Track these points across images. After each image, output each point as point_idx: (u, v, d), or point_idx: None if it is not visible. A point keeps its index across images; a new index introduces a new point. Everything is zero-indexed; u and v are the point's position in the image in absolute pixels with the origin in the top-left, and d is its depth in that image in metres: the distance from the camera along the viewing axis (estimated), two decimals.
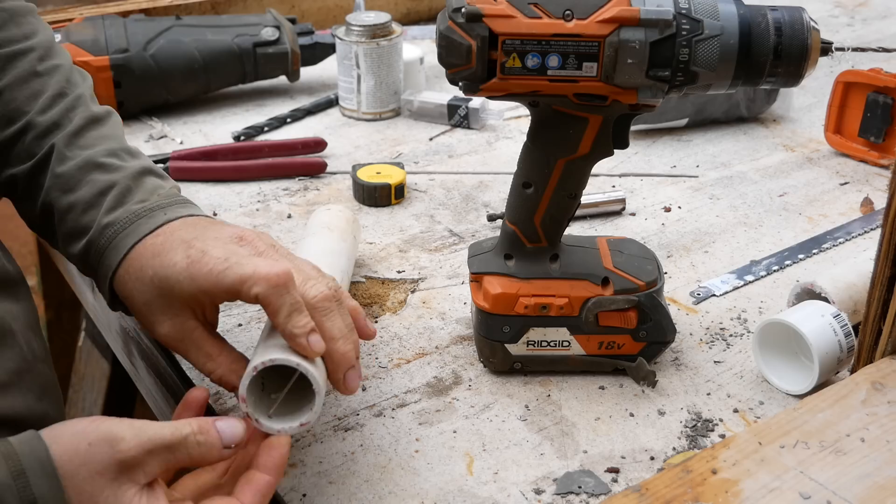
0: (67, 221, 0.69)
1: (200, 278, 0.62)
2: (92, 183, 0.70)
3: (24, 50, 0.74)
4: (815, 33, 0.69)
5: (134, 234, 0.67)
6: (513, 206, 0.76)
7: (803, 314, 0.76)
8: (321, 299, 0.63)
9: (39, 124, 0.72)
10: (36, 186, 0.71)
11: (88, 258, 0.69)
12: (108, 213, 0.69)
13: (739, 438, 0.61)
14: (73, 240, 0.69)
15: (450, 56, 0.69)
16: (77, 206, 0.69)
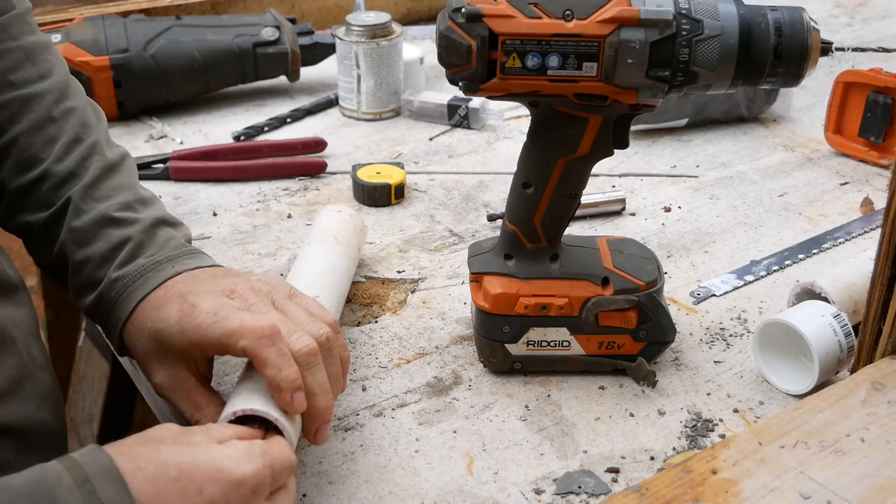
0: (82, 274, 0.71)
1: (190, 332, 0.63)
2: (106, 238, 0.71)
3: (40, 93, 0.74)
4: (815, 33, 0.69)
5: (142, 287, 0.68)
6: (513, 206, 0.76)
7: (803, 314, 0.76)
8: (306, 353, 0.63)
9: (56, 174, 0.72)
10: (52, 235, 0.72)
11: (98, 310, 0.70)
12: (119, 267, 0.70)
13: (739, 438, 0.61)
14: (86, 292, 0.71)
15: (450, 56, 0.69)
16: (91, 261, 0.70)
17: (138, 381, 0.95)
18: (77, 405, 1.47)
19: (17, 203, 0.73)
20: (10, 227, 0.74)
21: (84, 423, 1.45)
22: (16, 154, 0.72)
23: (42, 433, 0.66)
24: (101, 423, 1.41)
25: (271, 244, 0.98)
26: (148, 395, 0.93)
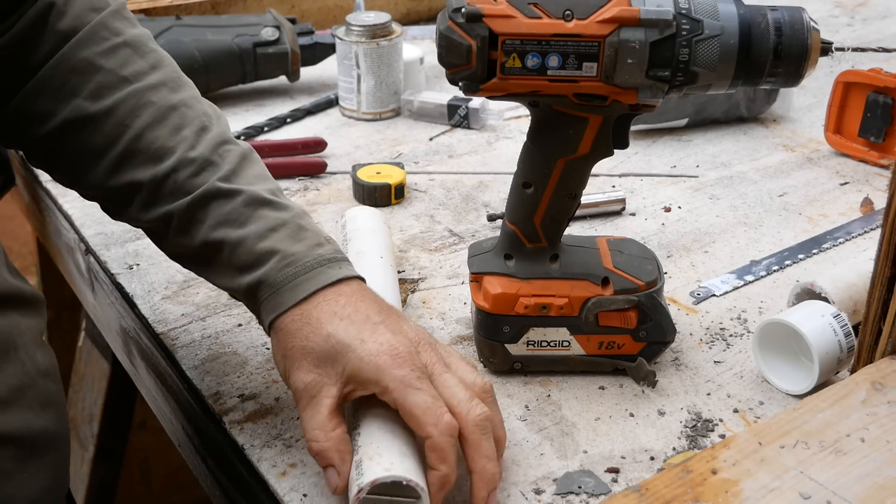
0: (239, 255, 0.69)
1: (386, 379, 0.63)
2: (263, 219, 0.70)
3: (155, 84, 0.73)
4: (815, 33, 0.69)
5: (315, 280, 0.68)
6: (513, 206, 0.76)
7: (803, 314, 0.76)
8: (484, 419, 0.64)
9: (192, 161, 0.71)
10: (195, 222, 0.70)
11: (259, 290, 0.68)
12: (292, 243, 0.69)
13: (739, 438, 0.61)
14: (244, 272, 0.69)
15: (450, 56, 0.69)
16: (249, 239, 0.69)
17: (138, 381, 0.96)
18: (77, 405, 1.47)
19: (154, 195, 0.71)
20: (147, 220, 0.72)
21: (84, 423, 1.45)
22: (144, 147, 0.71)
23: (42, 441, 0.65)
24: (101, 423, 1.41)
25: None
26: (148, 395, 0.93)
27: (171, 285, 0.91)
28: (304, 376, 0.65)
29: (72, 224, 1.03)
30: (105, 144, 0.71)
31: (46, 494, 0.66)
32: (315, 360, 0.65)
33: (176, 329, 0.85)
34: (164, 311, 0.87)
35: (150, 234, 0.75)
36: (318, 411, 0.64)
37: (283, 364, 0.67)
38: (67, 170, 0.74)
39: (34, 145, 0.74)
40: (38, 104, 0.71)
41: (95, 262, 0.97)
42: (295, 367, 0.65)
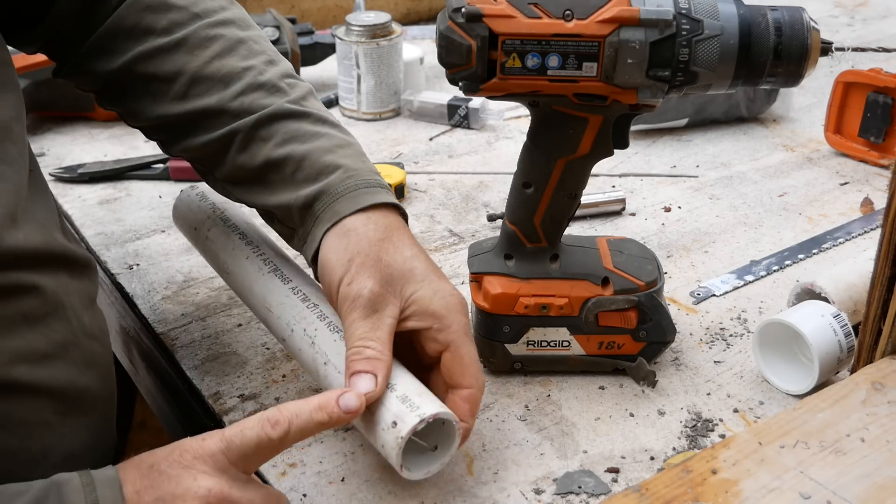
0: (304, 167, 0.70)
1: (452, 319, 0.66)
2: (329, 137, 0.72)
3: (225, 21, 0.76)
4: (815, 33, 0.69)
5: (380, 196, 0.70)
6: (513, 206, 0.76)
7: (803, 314, 0.76)
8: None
9: (261, 85, 0.73)
10: (259, 140, 0.72)
11: (317, 201, 0.69)
12: (356, 161, 0.72)
13: (739, 438, 0.61)
14: (305, 184, 0.70)
15: (450, 56, 0.69)
16: (314, 152, 0.71)
17: (138, 381, 0.96)
18: None
19: (220, 116, 0.73)
20: (208, 143, 0.73)
21: None
22: (213, 73, 0.73)
23: (86, 399, 0.67)
24: None
25: None
26: (148, 395, 0.93)
27: (171, 285, 0.91)
28: (373, 286, 0.65)
29: (72, 224, 1.03)
30: (175, 72, 0.73)
31: (87, 451, 0.67)
32: (387, 276, 0.66)
33: (176, 329, 0.85)
34: (164, 311, 0.87)
35: (203, 162, 0.76)
36: (381, 327, 0.64)
37: (346, 266, 0.66)
38: (136, 101, 0.76)
39: (107, 81, 0.76)
40: (114, 42, 0.74)
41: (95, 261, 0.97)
42: (363, 273, 0.65)
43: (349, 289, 0.65)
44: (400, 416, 0.62)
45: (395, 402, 0.62)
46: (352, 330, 0.65)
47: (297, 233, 0.72)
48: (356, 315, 0.65)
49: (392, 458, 0.62)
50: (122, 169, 1.11)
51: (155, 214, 1.04)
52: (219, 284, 0.91)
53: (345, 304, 0.65)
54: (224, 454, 0.58)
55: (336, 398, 0.61)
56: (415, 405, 0.62)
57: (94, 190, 1.09)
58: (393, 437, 0.61)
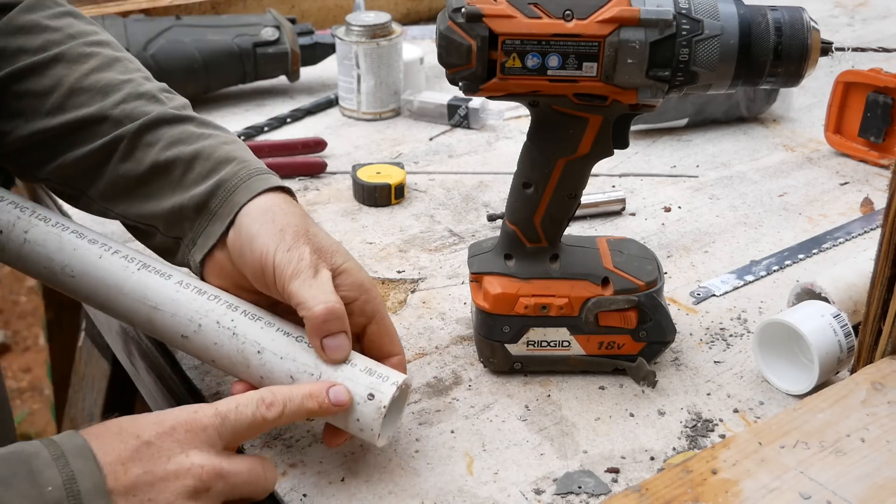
0: (195, 167, 0.70)
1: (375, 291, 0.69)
2: (216, 136, 0.73)
3: (100, 41, 0.76)
4: (815, 33, 0.69)
5: (277, 181, 0.71)
6: (513, 206, 0.76)
7: (803, 314, 0.76)
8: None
9: (142, 94, 0.73)
10: (144, 146, 0.71)
11: (214, 196, 0.69)
12: (247, 154, 0.72)
13: (739, 438, 0.61)
14: (198, 182, 0.70)
15: (450, 56, 0.69)
16: (205, 150, 0.71)
17: (138, 381, 0.96)
18: (77, 405, 1.47)
19: (100, 125, 0.72)
20: (86, 155, 0.72)
21: (84, 422, 1.45)
22: (91, 85, 0.73)
23: None
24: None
25: None
26: (148, 395, 0.93)
27: None
28: (310, 251, 0.65)
29: None
30: (51, 86, 0.73)
31: None
32: (317, 246, 0.66)
33: None
34: None
35: (75, 181, 0.75)
36: (324, 283, 0.64)
37: (279, 236, 0.66)
38: (7, 122, 0.74)
39: None
40: None
41: None
42: (299, 241, 0.66)
43: (290, 254, 0.65)
44: (375, 388, 0.64)
45: (363, 376, 0.65)
46: (304, 291, 0.64)
47: (186, 239, 0.71)
48: (304, 277, 0.64)
49: (375, 428, 0.64)
50: None
51: None
52: None
53: (287, 269, 0.64)
54: (217, 430, 0.58)
55: (326, 389, 0.63)
56: (382, 375, 0.65)
57: None
58: (374, 408, 0.63)
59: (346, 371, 0.65)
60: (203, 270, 0.70)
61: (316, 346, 0.65)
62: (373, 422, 0.64)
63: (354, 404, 0.64)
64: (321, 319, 0.63)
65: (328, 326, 0.64)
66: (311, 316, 0.63)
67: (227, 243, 0.69)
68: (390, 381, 0.64)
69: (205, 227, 0.69)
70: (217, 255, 0.70)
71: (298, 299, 0.64)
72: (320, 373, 0.65)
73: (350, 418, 0.64)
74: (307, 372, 0.65)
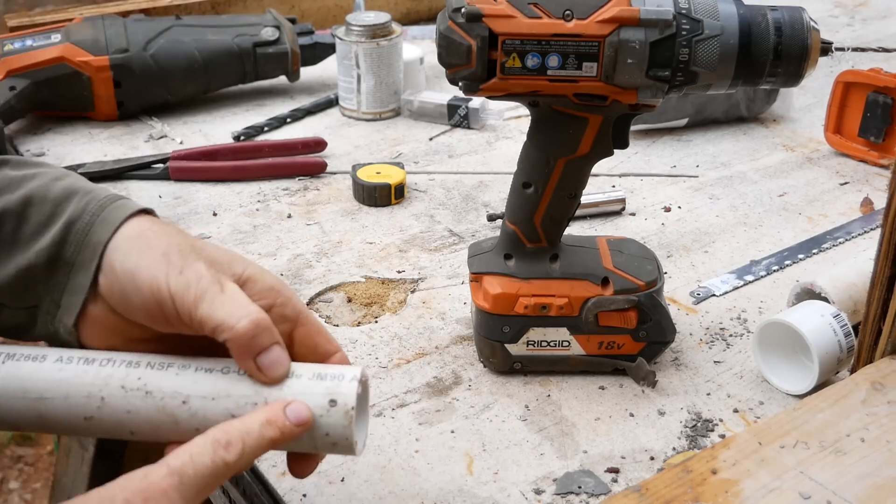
0: (29, 215, 0.59)
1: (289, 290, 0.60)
2: (43, 174, 0.61)
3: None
4: (815, 33, 0.69)
5: (133, 206, 0.59)
6: (513, 206, 0.76)
7: (803, 314, 0.76)
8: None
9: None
10: None
11: (69, 235, 0.58)
12: (85, 184, 0.61)
13: (739, 438, 0.61)
14: (41, 231, 0.58)
15: (450, 56, 0.69)
16: (38, 191, 0.59)
17: None
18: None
19: None
20: None
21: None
22: None
23: None
24: None
25: (271, 244, 0.98)
26: None
27: None
28: (206, 266, 0.55)
29: None
30: None
31: None
32: (209, 259, 0.56)
33: None
34: None
35: None
36: (236, 295, 0.55)
37: (164, 261, 0.55)
38: None
39: None
40: None
41: None
42: (189, 259, 0.55)
43: (184, 277, 0.55)
44: (334, 392, 0.55)
45: (315, 384, 0.55)
46: (217, 311, 0.54)
47: (43, 304, 0.58)
48: (211, 296, 0.54)
49: (349, 437, 0.55)
50: (122, 169, 1.11)
51: None
52: None
53: (188, 294, 0.54)
54: (178, 490, 0.50)
55: (283, 409, 0.53)
56: (336, 375, 0.56)
57: None
58: (341, 414, 0.54)
59: (294, 385, 0.55)
60: (79, 335, 0.58)
61: (250, 370, 0.55)
62: (344, 430, 0.55)
63: (317, 418, 0.54)
64: (249, 335, 0.54)
65: (258, 341, 0.54)
66: (236, 335, 0.54)
67: (100, 293, 0.57)
68: (347, 379, 0.55)
69: (66, 284, 0.58)
70: (92, 310, 0.58)
71: (213, 322, 0.54)
72: (265, 398, 0.55)
73: (317, 436, 0.55)
74: (249, 403, 0.55)
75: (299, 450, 0.57)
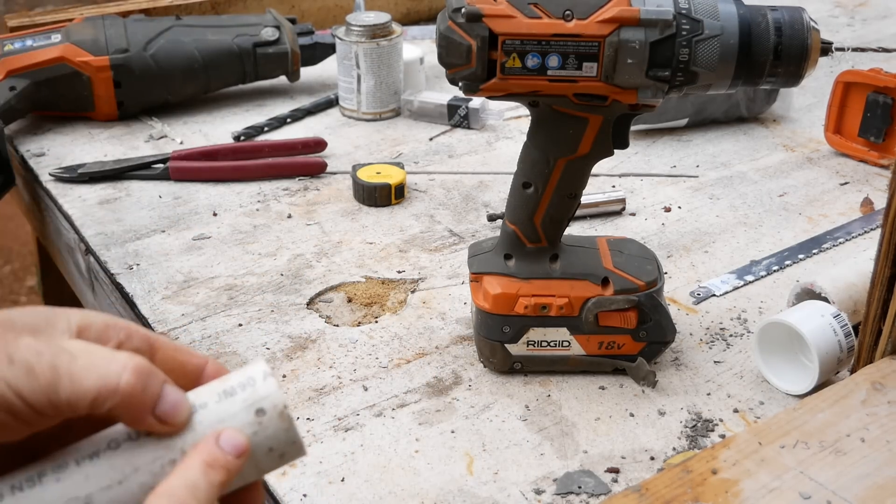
0: None
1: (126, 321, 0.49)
2: None
3: None
4: (815, 33, 0.69)
5: None
6: (513, 206, 0.76)
7: (803, 314, 0.76)
8: None
9: None
10: None
11: None
12: None
13: (739, 438, 0.61)
14: None
15: (450, 56, 0.69)
16: None
17: None
18: None
19: None
20: None
21: None
22: None
23: None
24: None
25: (271, 244, 0.98)
26: None
27: (171, 285, 0.91)
28: (34, 343, 0.43)
29: (72, 224, 1.03)
30: None
31: None
32: (27, 329, 0.44)
33: (176, 329, 0.85)
34: (164, 311, 0.87)
35: None
36: (91, 351, 0.44)
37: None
38: None
39: None
40: None
41: (95, 262, 0.97)
42: (9, 344, 0.43)
43: (17, 364, 0.42)
44: (254, 400, 0.45)
45: (226, 403, 0.46)
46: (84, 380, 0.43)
47: None
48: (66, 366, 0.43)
49: (296, 439, 0.46)
50: (122, 169, 1.11)
51: (155, 214, 1.04)
52: (219, 284, 0.91)
53: (36, 379, 0.42)
54: None
55: (216, 443, 0.44)
56: (241, 383, 0.46)
57: (94, 190, 1.09)
58: (276, 418, 0.45)
59: (206, 418, 0.45)
60: None
61: (151, 427, 0.44)
62: (288, 433, 0.46)
63: (253, 437, 0.45)
64: (139, 389, 0.43)
65: (150, 391, 0.44)
66: (124, 396, 0.43)
67: None
68: (259, 379, 0.46)
69: None
70: None
71: (87, 395, 0.43)
72: (180, 448, 0.44)
73: (260, 456, 0.46)
74: (166, 463, 0.44)
75: (241, 483, 0.46)
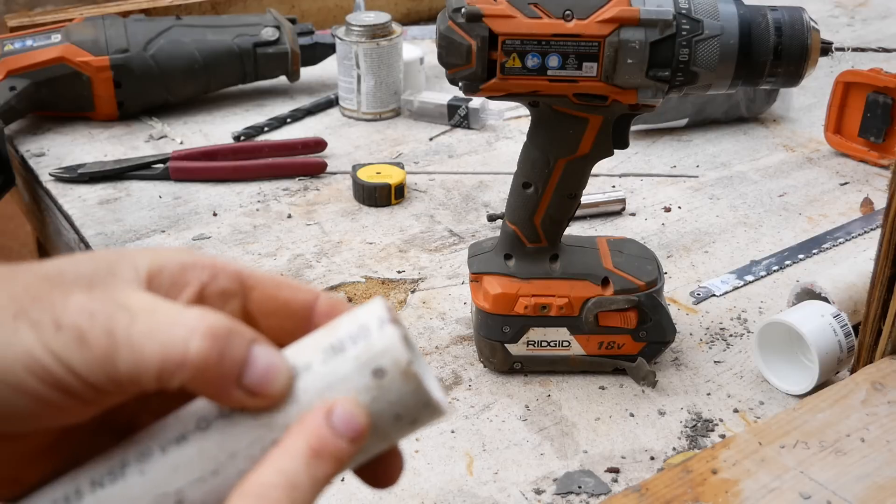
0: None
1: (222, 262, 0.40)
2: None
3: None
4: (815, 33, 0.69)
5: None
6: (513, 206, 0.76)
7: (803, 314, 0.76)
8: None
9: None
10: None
11: None
12: None
13: (739, 438, 0.61)
14: None
15: (450, 56, 0.69)
16: None
17: None
18: None
19: None
20: None
21: None
22: None
23: None
24: None
25: (271, 244, 0.98)
26: None
27: None
28: (86, 301, 0.34)
29: (72, 224, 1.03)
30: None
31: None
32: (79, 282, 0.35)
33: None
34: None
35: None
36: (157, 307, 0.34)
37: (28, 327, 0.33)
38: None
39: None
40: None
41: None
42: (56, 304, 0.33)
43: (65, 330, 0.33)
44: (370, 357, 0.36)
45: (338, 363, 0.36)
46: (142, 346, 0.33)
47: None
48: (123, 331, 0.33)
49: (426, 399, 0.38)
50: (122, 169, 1.11)
51: (155, 214, 1.04)
52: None
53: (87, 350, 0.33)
54: None
55: (325, 422, 0.35)
56: (354, 334, 0.36)
57: (94, 190, 1.09)
58: (400, 379, 0.37)
59: (310, 383, 0.36)
60: None
61: (239, 401, 0.35)
62: (416, 395, 0.37)
63: (372, 402, 0.37)
64: (214, 356, 0.33)
65: (231, 356, 0.34)
66: (195, 367, 0.33)
67: None
68: (375, 328, 0.36)
69: None
70: None
71: (150, 369, 0.33)
72: (283, 424, 0.36)
73: (385, 426, 0.38)
74: (268, 445, 0.36)
75: (363, 459, 0.41)
